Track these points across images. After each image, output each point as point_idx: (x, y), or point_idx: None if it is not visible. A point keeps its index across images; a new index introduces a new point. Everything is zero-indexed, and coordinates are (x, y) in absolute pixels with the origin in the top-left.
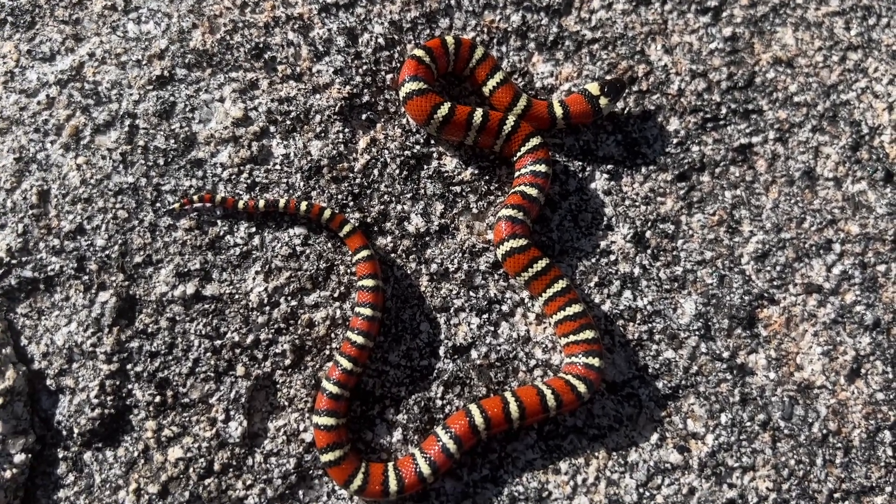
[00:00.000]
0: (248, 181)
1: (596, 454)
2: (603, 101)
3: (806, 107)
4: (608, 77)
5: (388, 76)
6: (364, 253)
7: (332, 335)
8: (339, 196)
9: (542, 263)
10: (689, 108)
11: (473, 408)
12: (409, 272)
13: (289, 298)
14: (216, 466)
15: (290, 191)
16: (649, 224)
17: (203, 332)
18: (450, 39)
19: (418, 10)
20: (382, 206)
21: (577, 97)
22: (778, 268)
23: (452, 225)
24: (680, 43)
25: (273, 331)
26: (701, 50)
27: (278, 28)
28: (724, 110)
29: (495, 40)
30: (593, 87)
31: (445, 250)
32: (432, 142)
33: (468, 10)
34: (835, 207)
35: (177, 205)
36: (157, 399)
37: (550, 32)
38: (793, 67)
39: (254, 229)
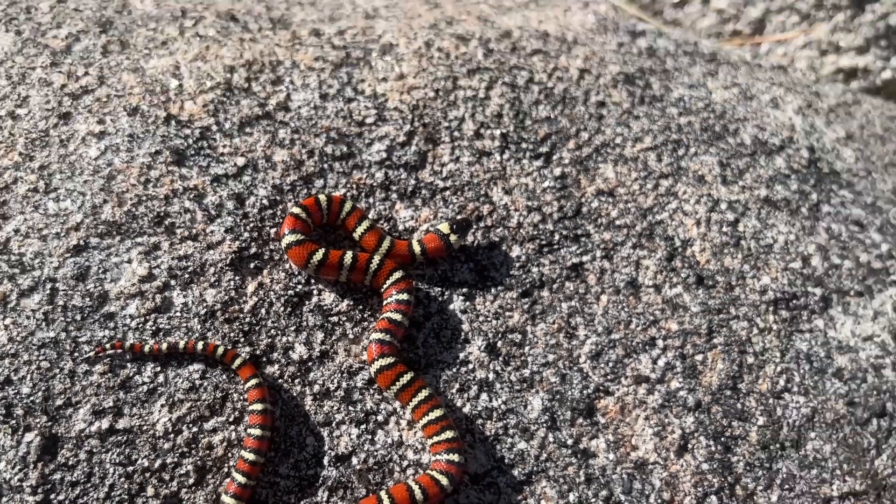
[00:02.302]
0: (153, 328)
1: None
2: (453, 237)
3: (626, 228)
4: (458, 217)
5: (272, 230)
6: (254, 381)
7: (229, 454)
8: (232, 334)
9: (407, 377)
10: (528, 237)
11: None
12: (294, 394)
13: (190, 425)
14: None
15: (190, 333)
16: (500, 335)
17: (117, 461)
18: (322, 197)
19: (296, 174)
20: (270, 340)
21: (431, 236)
22: (611, 364)
23: (332, 350)
24: (517, 184)
25: (178, 455)
26: (535, 189)
27: (176, 198)
28: (557, 236)
29: (363, 193)
30: (444, 227)
31: (326, 372)
32: (312, 281)
33: (339, 172)
34: (656, 309)
35: (92, 353)
36: None
37: (409, 184)
38: (614, 196)
39: (159, 368)
